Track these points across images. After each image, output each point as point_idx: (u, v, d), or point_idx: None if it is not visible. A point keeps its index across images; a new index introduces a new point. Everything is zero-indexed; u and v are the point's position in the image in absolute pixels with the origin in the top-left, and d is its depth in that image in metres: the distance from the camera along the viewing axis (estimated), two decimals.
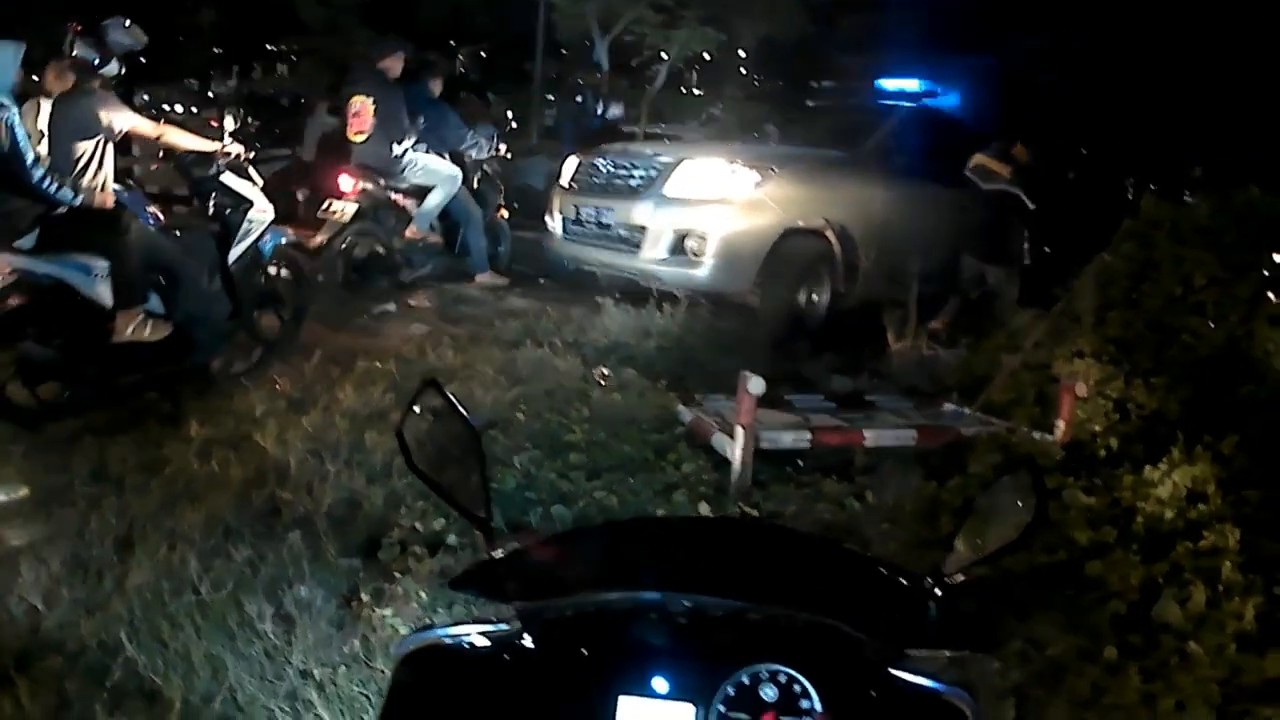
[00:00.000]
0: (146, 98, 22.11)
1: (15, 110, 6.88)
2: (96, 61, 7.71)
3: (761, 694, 1.82)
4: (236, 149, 8.32)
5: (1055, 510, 5.59)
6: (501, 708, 1.91)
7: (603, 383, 7.76)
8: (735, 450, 6.12)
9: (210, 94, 29.53)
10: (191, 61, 32.65)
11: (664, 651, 1.89)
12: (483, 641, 1.98)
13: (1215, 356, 7.17)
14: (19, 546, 5.68)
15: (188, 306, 7.66)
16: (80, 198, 7.31)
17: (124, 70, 8.05)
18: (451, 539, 5.49)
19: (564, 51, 30.18)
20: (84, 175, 7.73)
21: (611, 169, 11.69)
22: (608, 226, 11.21)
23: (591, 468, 6.29)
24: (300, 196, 15.34)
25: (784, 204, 10.41)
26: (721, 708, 1.81)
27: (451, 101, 13.43)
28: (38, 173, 6.94)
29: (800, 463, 6.50)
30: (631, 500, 5.91)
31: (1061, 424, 6.77)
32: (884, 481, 6.19)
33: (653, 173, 10.83)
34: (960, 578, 2.06)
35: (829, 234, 10.82)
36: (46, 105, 7.77)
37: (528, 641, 1.94)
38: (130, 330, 7.23)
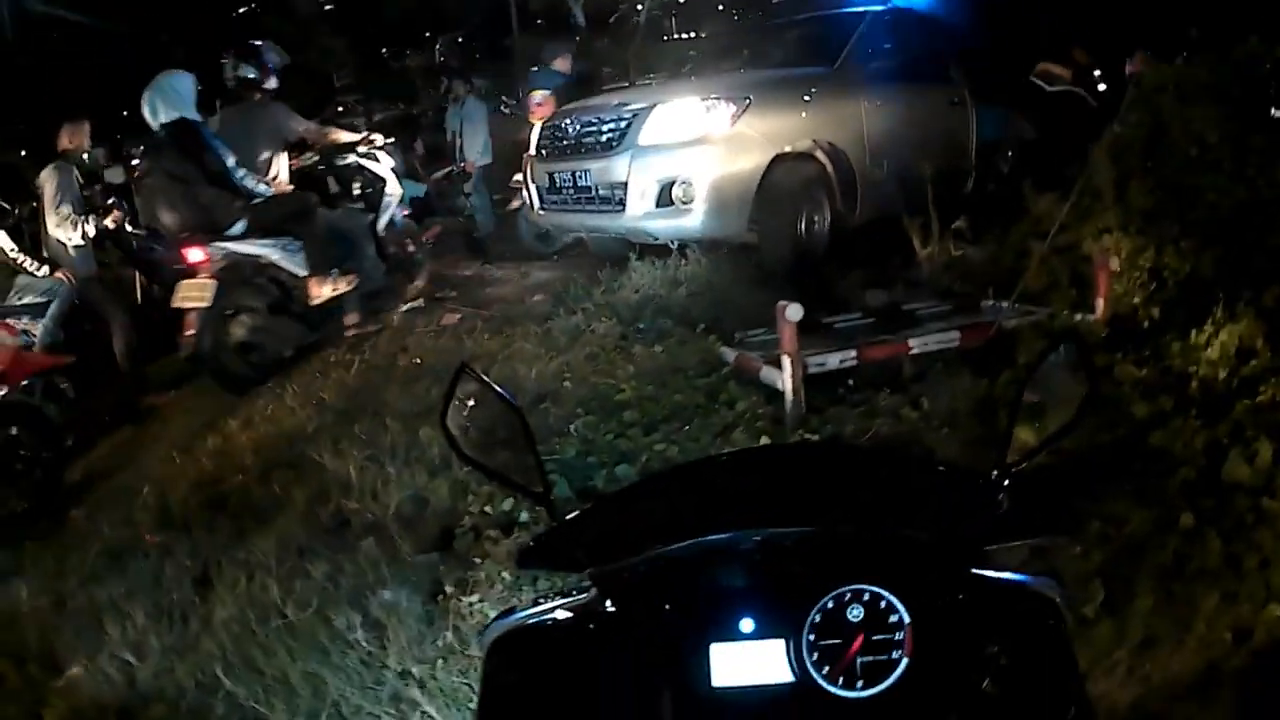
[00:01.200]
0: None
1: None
2: (255, 76, 9.95)
3: (848, 616, 1.83)
4: (378, 138, 11.02)
5: (1109, 387, 5.62)
6: (594, 677, 1.94)
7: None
8: (785, 380, 6.15)
9: None
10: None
11: (744, 592, 1.91)
12: (565, 615, 2.00)
13: (1240, 210, 7.14)
14: None
15: (362, 269, 9.98)
16: (270, 190, 9.42)
17: (281, 84, 10.27)
18: (524, 516, 5.53)
19: (540, 22, 30.01)
20: (268, 172, 9.78)
21: (579, 128, 10.84)
22: (587, 188, 10.42)
23: (647, 423, 6.33)
24: None
25: (767, 132, 9.68)
26: (811, 637, 1.83)
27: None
28: (239, 173, 9.06)
29: (851, 382, 6.52)
30: (692, 447, 5.95)
31: (1100, 302, 6.76)
32: (935, 387, 6.21)
33: (623, 124, 10.00)
34: (1025, 465, 2.07)
35: (818, 154, 10.24)
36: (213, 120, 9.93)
37: (608, 606, 1.96)
38: (324, 292, 9.39)
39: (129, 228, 10.70)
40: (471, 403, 2.32)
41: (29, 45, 21.11)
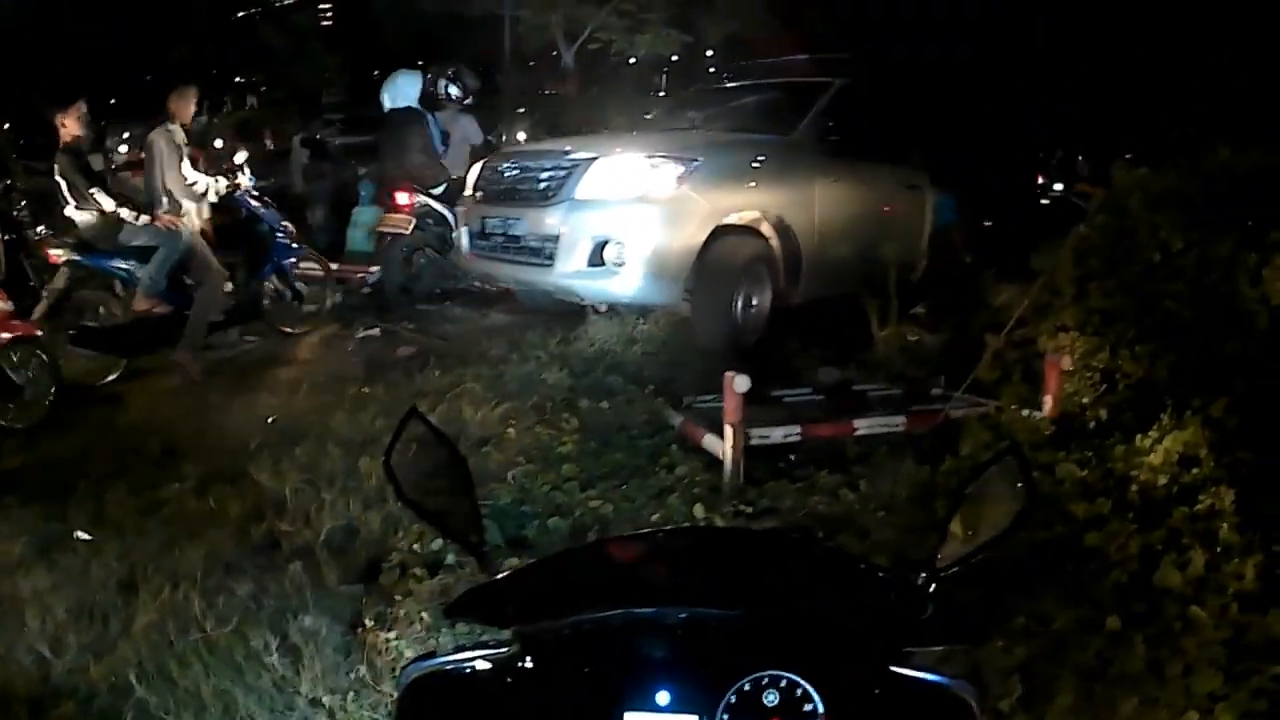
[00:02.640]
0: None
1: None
2: (458, 94, 13.41)
3: (764, 700, 1.82)
4: None
5: (1049, 485, 5.63)
6: None
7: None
8: (726, 450, 6.14)
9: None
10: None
11: (664, 665, 1.89)
12: (485, 665, 1.99)
13: (1198, 320, 7.17)
14: None
15: None
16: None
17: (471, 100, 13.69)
18: (450, 559, 5.52)
19: (531, 64, 30.22)
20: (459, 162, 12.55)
21: (517, 172, 10.49)
22: (517, 238, 9.94)
23: (585, 478, 6.32)
24: None
25: (713, 198, 9.27)
26: (725, 717, 1.82)
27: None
28: (442, 154, 12.47)
29: (792, 457, 6.51)
30: (626, 507, 5.94)
31: (1049, 399, 6.78)
32: (877, 469, 6.20)
33: (562, 173, 9.60)
34: (954, 569, 2.06)
35: (765, 228, 9.85)
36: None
37: (529, 663, 1.94)
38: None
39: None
40: (415, 446, 2.31)
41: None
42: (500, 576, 2.19)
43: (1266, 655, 4.18)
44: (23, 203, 14.03)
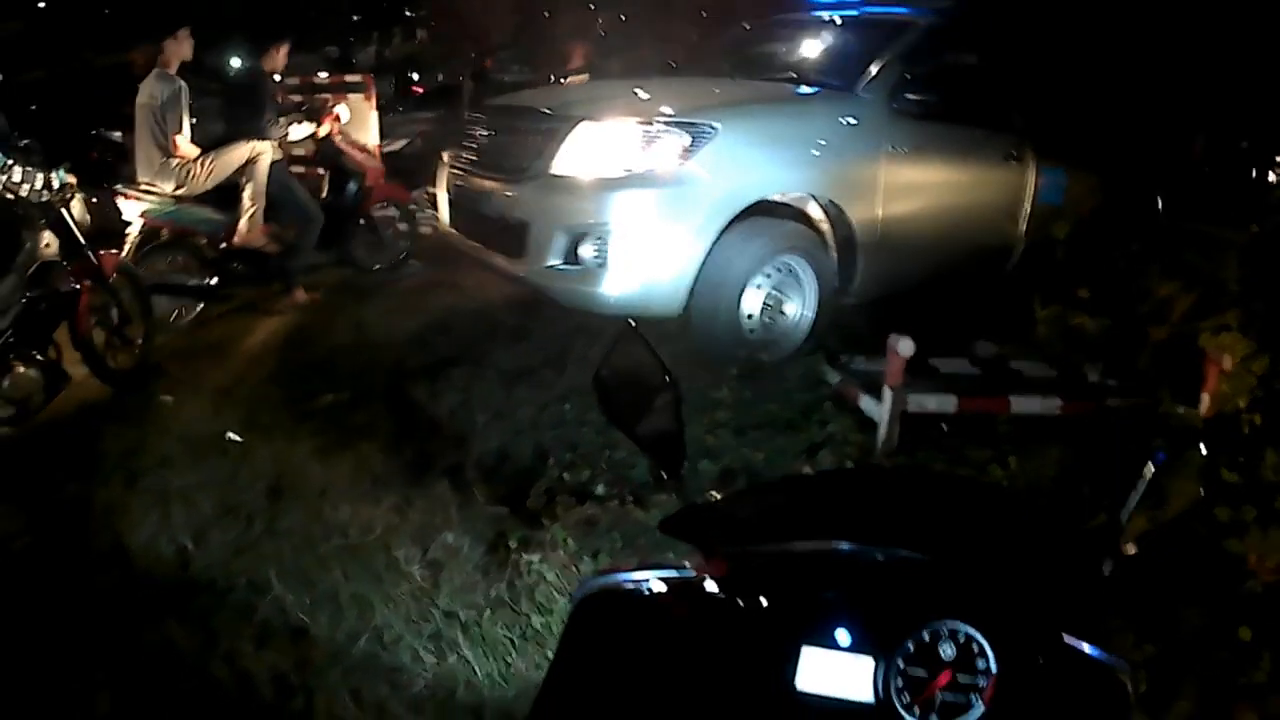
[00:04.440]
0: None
1: None
2: None
3: (941, 652, 1.86)
4: None
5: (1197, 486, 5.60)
6: (682, 652, 1.96)
7: None
8: (882, 412, 6.20)
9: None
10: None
11: (850, 603, 1.93)
12: (663, 587, 2.03)
13: None
14: None
15: None
16: None
17: None
18: (600, 489, 5.63)
19: None
20: None
21: (490, 133, 8.79)
22: (485, 219, 8.22)
23: (737, 425, 6.41)
24: None
25: (732, 177, 7.41)
26: (901, 663, 1.86)
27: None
28: None
29: (944, 427, 6.50)
30: (776, 458, 6.03)
31: (1206, 397, 6.74)
32: (1026, 449, 6.20)
33: (538, 140, 7.80)
34: (1132, 549, 2.10)
35: (810, 212, 8.15)
36: None
37: (711, 587, 1.99)
38: None
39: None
40: (627, 364, 2.37)
41: None
42: (707, 502, 2.30)
43: None
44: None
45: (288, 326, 9.78)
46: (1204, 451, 2.19)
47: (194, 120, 10.14)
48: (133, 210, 9.55)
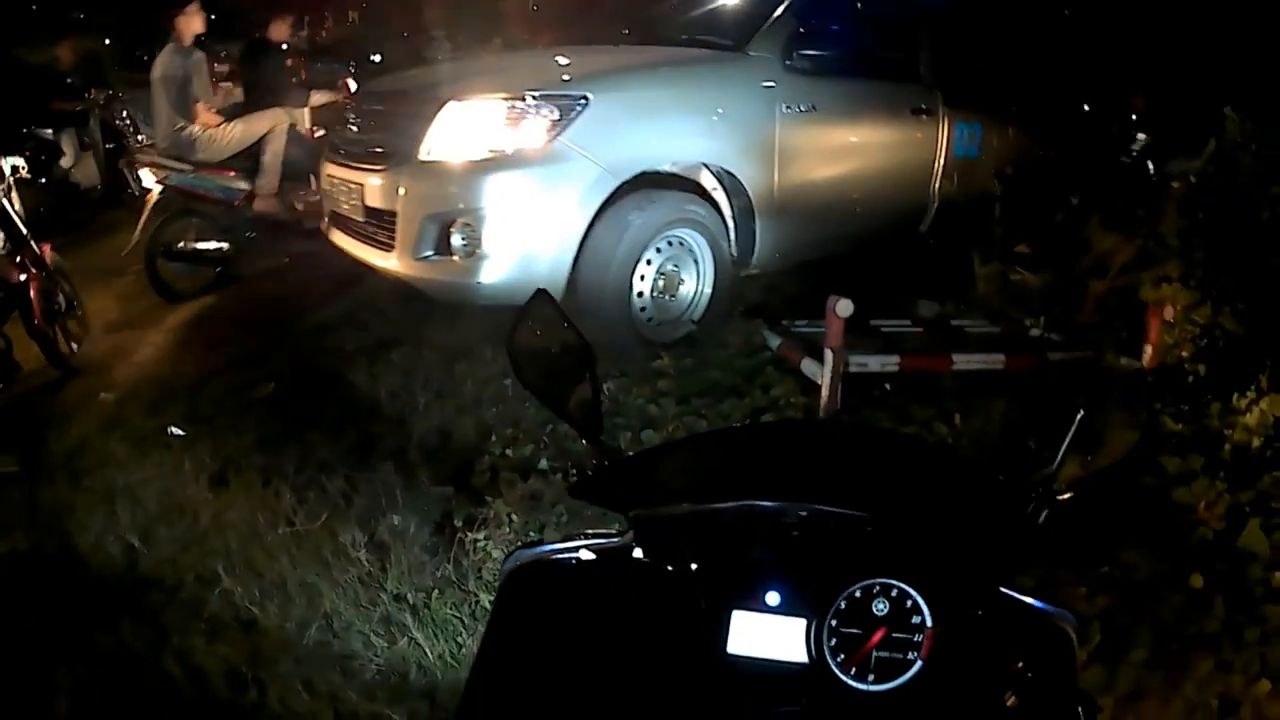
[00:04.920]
0: None
1: None
2: None
3: (874, 609, 1.84)
4: None
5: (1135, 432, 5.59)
6: (611, 620, 1.95)
7: None
8: (824, 374, 6.14)
9: None
10: None
11: (778, 564, 1.91)
12: (590, 555, 2.02)
13: None
14: None
15: None
16: None
17: None
18: (543, 464, 5.62)
19: None
20: None
21: (360, 121, 8.39)
22: (357, 208, 7.72)
23: (680, 393, 6.38)
24: None
25: (607, 150, 6.97)
26: (834, 622, 1.84)
27: None
28: None
29: (887, 386, 6.49)
30: (719, 424, 6.01)
31: (1149, 349, 6.74)
32: (971, 406, 6.20)
33: (404, 124, 7.38)
34: (1068, 495, 2.06)
35: (701, 180, 7.74)
36: None
37: (639, 554, 1.97)
38: None
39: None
40: (539, 329, 2.33)
41: None
42: (620, 461, 2.24)
43: None
44: (124, 113, 14.51)
45: (232, 305, 9.67)
46: (1141, 390, 2.14)
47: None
48: (151, 179, 9.81)
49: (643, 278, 7.31)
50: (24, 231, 7.77)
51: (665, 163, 7.42)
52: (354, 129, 8.36)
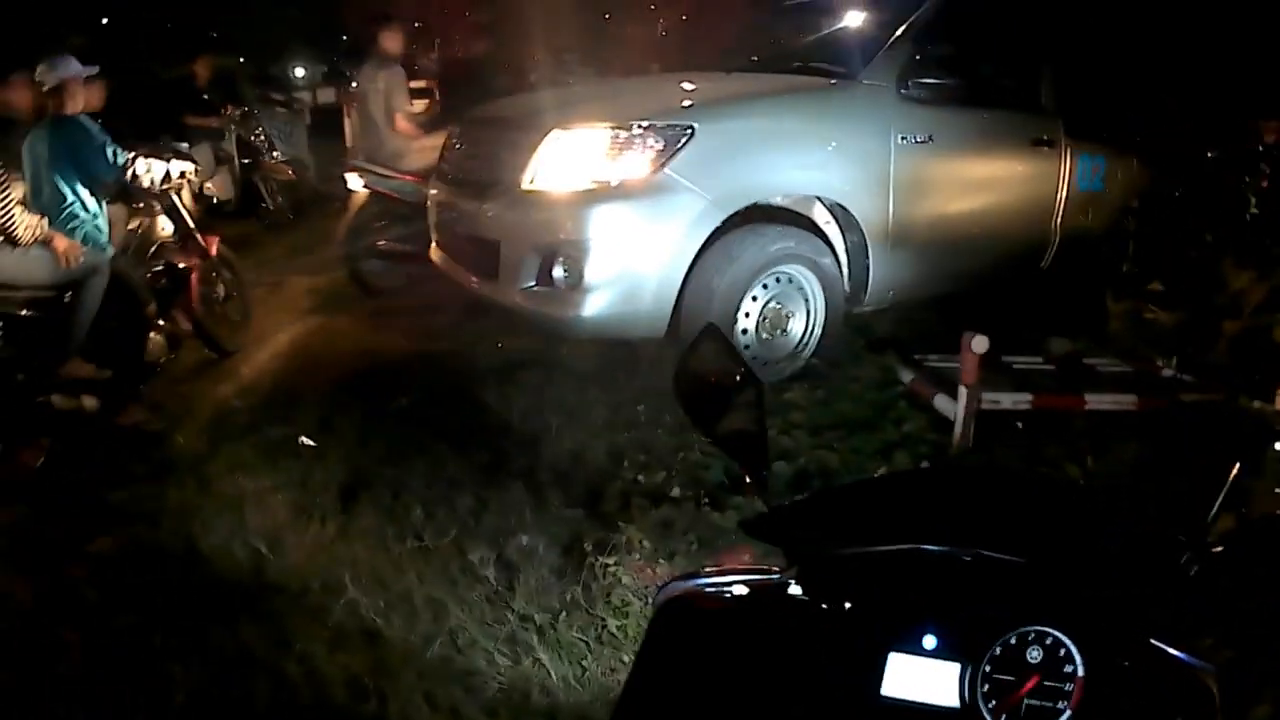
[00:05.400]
0: None
1: None
2: None
3: (1028, 656, 1.83)
4: None
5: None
6: (765, 657, 1.93)
7: None
8: (957, 410, 6.14)
9: None
10: None
11: (936, 608, 1.90)
12: (746, 590, 2.01)
13: None
14: None
15: None
16: None
17: None
18: (675, 491, 5.62)
19: None
20: None
21: (465, 146, 8.28)
22: (462, 239, 7.73)
23: (812, 425, 6.38)
24: None
25: (714, 182, 6.72)
26: (988, 668, 1.83)
27: None
28: None
29: (1019, 424, 6.42)
30: (851, 458, 6.02)
31: None
32: (1102, 445, 6.11)
33: (509, 151, 7.21)
34: (1220, 548, 2.06)
35: (813, 216, 7.45)
36: None
37: (796, 592, 1.95)
38: None
39: None
40: (707, 363, 2.33)
41: None
42: (790, 502, 2.26)
43: None
44: (259, 129, 14.97)
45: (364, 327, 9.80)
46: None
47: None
48: (357, 182, 10.32)
49: (747, 314, 7.08)
50: (191, 225, 8.39)
51: (774, 195, 7.19)
52: (460, 154, 8.27)
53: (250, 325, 9.27)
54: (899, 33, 7.80)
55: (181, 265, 8.27)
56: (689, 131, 6.67)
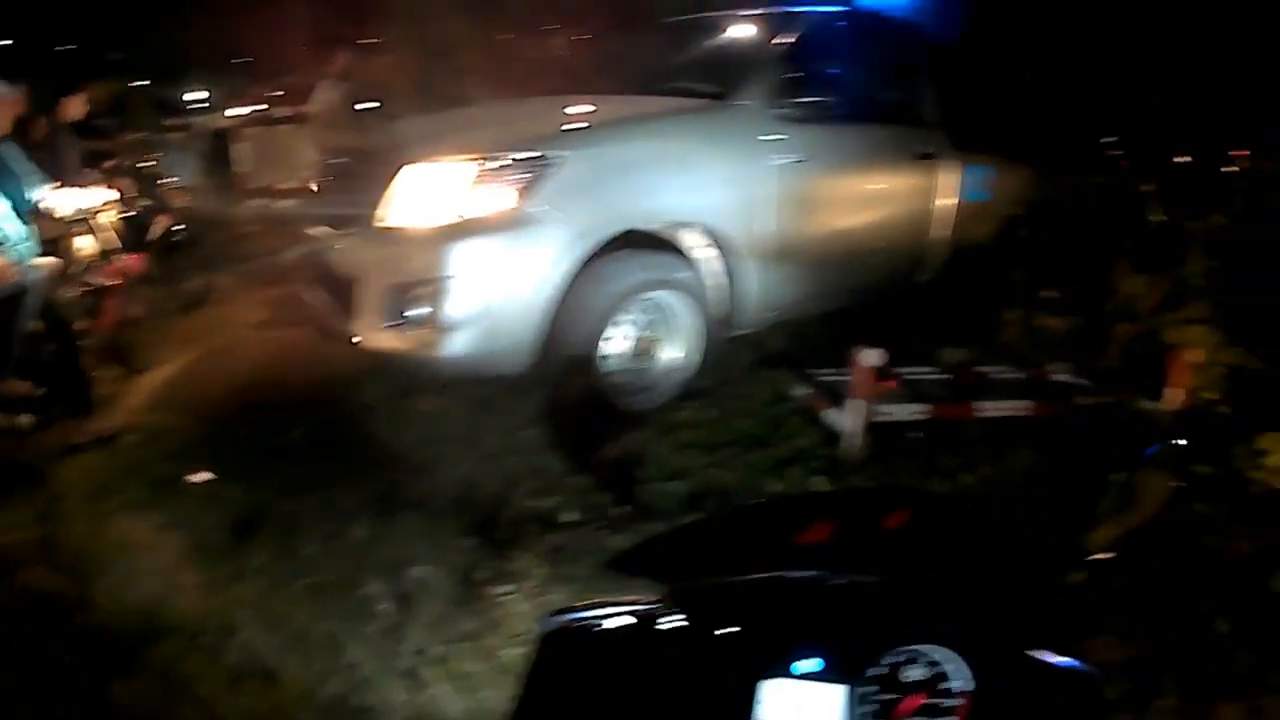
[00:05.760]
0: None
1: None
2: None
3: (910, 675, 1.85)
4: None
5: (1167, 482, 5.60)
6: (645, 687, 1.93)
7: None
8: (850, 424, 6.14)
9: None
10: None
11: (814, 631, 1.90)
12: (627, 621, 2.00)
13: None
14: None
15: None
16: None
17: None
18: (568, 516, 5.58)
19: None
20: None
21: (328, 181, 8.10)
22: (323, 275, 7.38)
23: (706, 444, 6.32)
24: None
25: (583, 212, 6.49)
26: (869, 688, 1.84)
27: None
28: None
29: (912, 435, 6.45)
30: (746, 475, 5.98)
31: (1174, 392, 6.72)
32: (996, 453, 6.20)
33: (368, 185, 6.90)
34: (1105, 555, 2.06)
35: (685, 240, 7.13)
36: None
37: (675, 620, 1.95)
38: None
39: None
40: (573, 392, 2.33)
41: None
42: (661, 534, 2.25)
43: None
44: (155, 155, 14.75)
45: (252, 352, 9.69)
46: (1177, 444, 2.14)
47: None
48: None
49: (618, 340, 6.79)
50: (111, 248, 8.92)
51: (645, 222, 6.88)
52: (324, 188, 8.01)
53: (164, 347, 9.20)
54: (772, 52, 7.79)
55: (100, 285, 8.67)
56: (553, 160, 6.44)
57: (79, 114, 10.49)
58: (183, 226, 11.63)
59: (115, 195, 8.64)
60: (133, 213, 10.58)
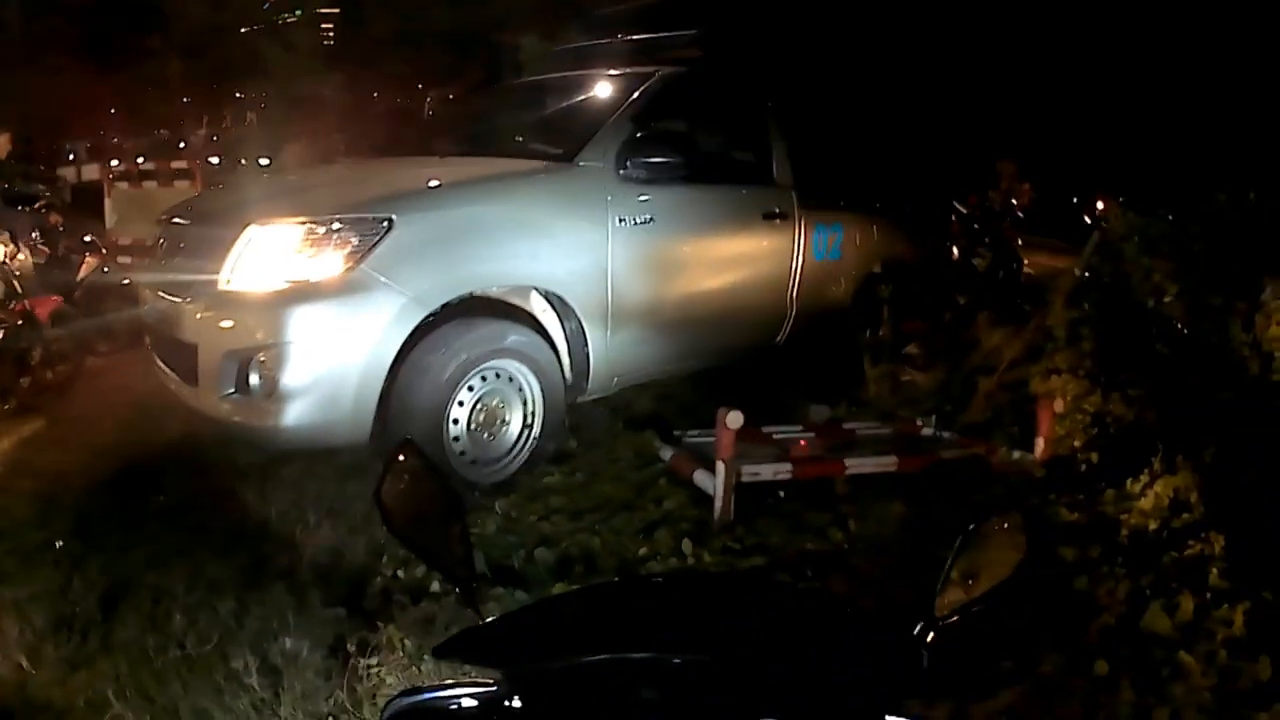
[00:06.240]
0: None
1: None
2: None
3: None
4: None
5: (1040, 527, 5.60)
6: None
7: None
8: (716, 486, 6.06)
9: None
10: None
11: (654, 712, 1.86)
12: (471, 703, 1.98)
13: (1191, 365, 7.18)
14: None
15: None
16: None
17: None
18: (435, 586, 5.49)
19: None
20: None
21: (167, 244, 7.45)
22: (164, 342, 7.05)
23: (573, 509, 6.26)
24: None
25: (415, 277, 6.23)
26: None
27: None
28: None
29: (781, 494, 6.40)
30: (613, 540, 5.89)
31: (1040, 441, 6.76)
32: (865, 509, 6.16)
33: (207, 248, 6.54)
34: (953, 619, 2.04)
35: (527, 307, 7.00)
36: None
37: (517, 703, 1.92)
38: None
39: None
40: (407, 478, 2.33)
41: None
42: (492, 620, 2.17)
43: (1254, 702, 4.18)
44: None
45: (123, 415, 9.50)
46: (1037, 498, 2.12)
47: None
48: None
49: (458, 414, 6.61)
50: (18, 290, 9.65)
51: (483, 287, 6.67)
52: (164, 251, 7.38)
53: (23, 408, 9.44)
54: (618, 112, 7.58)
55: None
56: (385, 224, 6.16)
57: None
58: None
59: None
60: None
